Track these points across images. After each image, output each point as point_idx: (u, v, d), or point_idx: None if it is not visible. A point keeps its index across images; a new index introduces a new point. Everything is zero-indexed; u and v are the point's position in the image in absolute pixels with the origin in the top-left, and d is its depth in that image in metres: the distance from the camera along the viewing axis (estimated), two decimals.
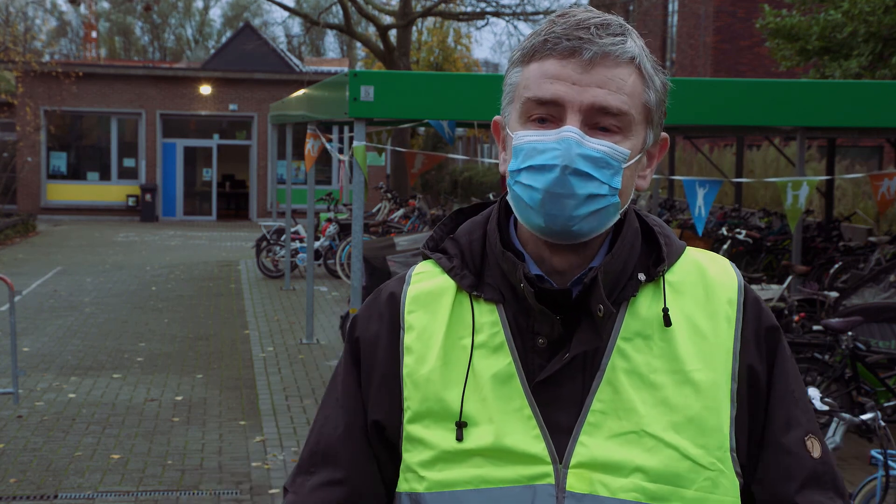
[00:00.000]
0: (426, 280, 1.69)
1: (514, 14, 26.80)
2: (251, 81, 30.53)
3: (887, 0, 13.89)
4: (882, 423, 5.24)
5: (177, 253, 21.57)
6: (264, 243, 17.17)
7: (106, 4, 57.01)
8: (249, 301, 14.95)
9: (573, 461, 1.56)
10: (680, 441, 1.56)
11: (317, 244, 16.61)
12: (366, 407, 1.68)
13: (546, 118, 1.56)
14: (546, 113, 1.56)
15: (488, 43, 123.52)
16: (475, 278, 1.66)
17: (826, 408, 5.28)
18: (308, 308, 12.07)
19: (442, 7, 27.63)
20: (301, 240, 16.60)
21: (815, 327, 8.42)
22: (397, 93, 7.97)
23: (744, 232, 14.68)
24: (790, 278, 10.72)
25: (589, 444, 1.56)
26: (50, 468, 7.36)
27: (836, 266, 12.88)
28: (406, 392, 1.64)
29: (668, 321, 1.60)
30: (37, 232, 25.49)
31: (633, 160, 1.59)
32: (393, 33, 26.65)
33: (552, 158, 1.53)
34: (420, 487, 1.61)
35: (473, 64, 39.62)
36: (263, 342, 11.94)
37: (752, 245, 14.71)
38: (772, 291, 9.96)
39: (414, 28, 32.66)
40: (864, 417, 5.27)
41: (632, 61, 1.57)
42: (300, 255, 16.55)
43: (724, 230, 14.91)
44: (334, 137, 23.05)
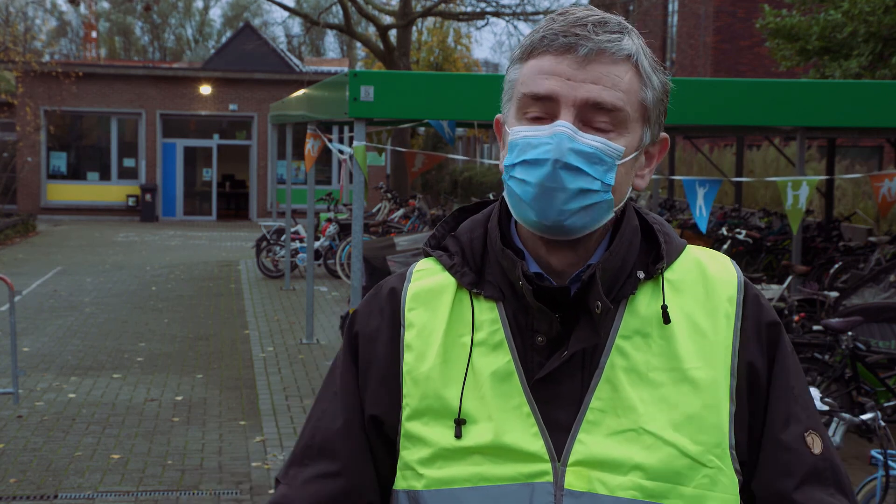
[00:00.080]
0: (427, 277, 1.69)
1: (514, 14, 26.81)
2: (251, 81, 30.53)
3: (887, 0, 13.89)
4: (882, 423, 5.25)
5: (177, 253, 21.56)
6: (264, 243, 17.16)
7: (106, 4, 57.09)
8: (249, 301, 14.95)
9: (572, 459, 1.56)
10: (679, 439, 1.56)
11: (317, 244, 16.61)
12: (363, 402, 1.68)
13: (542, 117, 1.56)
14: (542, 111, 1.56)
15: (488, 43, 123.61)
16: (476, 276, 1.66)
17: (826, 408, 5.28)
18: (308, 308, 12.07)
19: (442, 7, 27.64)
20: (301, 240, 16.59)
21: (815, 327, 8.42)
22: (397, 93, 7.98)
23: (744, 232, 14.68)
24: (790, 278, 10.72)
25: (587, 442, 1.56)
26: (50, 468, 7.36)
27: (836, 266, 12.88)
28: (405, 389, 1.63)
29: (667, 319, 1.60)
30: (37, 232, 25.48)
31: (629, 157, 1.58)
32: (393, 33, 26.65)
33: (544, 153, 1.53)
34: (418, 485, 1.60)
35: (473, 64, 39.63)
36: (263, 342, 11.94)
37: (752, 245, 14.72)
38: (772, 291, 9.96)
39: (414, 28, 32.66)
40: (864, 417, 5.27)
41: (628, 59, 1.56)
42: (300, 255, 16.55)
43: (724, 230, 14.92)
44: (334, 137, 23.03)
